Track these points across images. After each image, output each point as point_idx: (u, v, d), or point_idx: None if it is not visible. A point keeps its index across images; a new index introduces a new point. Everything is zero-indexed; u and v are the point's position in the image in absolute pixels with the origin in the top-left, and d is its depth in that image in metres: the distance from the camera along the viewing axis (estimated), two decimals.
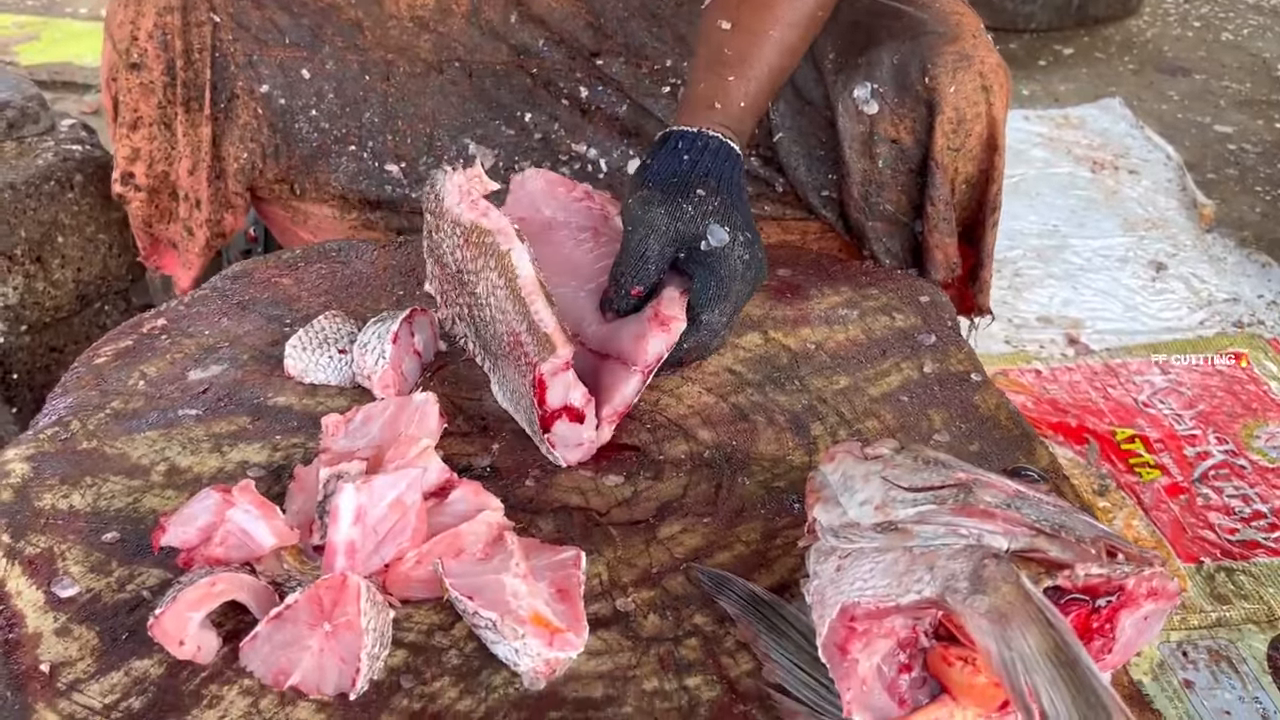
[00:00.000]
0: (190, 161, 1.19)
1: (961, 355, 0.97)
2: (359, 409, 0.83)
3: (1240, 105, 2.79)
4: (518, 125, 1.23)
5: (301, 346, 0.93)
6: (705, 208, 0.89)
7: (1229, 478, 1.53)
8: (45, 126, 1.51)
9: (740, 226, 0.90)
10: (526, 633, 0.66)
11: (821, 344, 0.99)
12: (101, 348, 0.97)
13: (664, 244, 0.89)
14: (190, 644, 0.66)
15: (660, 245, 0.89)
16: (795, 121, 1.18)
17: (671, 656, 0.69)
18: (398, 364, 0.90)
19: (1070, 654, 0.54)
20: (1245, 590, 1.34)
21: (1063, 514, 0.64)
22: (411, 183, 1.22)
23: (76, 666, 0.67)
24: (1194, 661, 1.27)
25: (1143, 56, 3.10)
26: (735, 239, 0.89)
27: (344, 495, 0.70)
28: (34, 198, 1.42)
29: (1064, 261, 2.11)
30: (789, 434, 0.89)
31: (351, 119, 1.21)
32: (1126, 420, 1.65)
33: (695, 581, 0.74)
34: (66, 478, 0.82)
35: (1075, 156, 2.50)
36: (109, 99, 1.19)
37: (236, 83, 1.18)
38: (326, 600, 0.65)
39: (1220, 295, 2.00)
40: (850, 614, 0.61)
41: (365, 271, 1.09)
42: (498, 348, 0.86)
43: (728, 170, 0.93)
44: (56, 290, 1.47)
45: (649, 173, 0.92)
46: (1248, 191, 2.39)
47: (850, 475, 0.70)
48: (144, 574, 0.74)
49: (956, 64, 1.08)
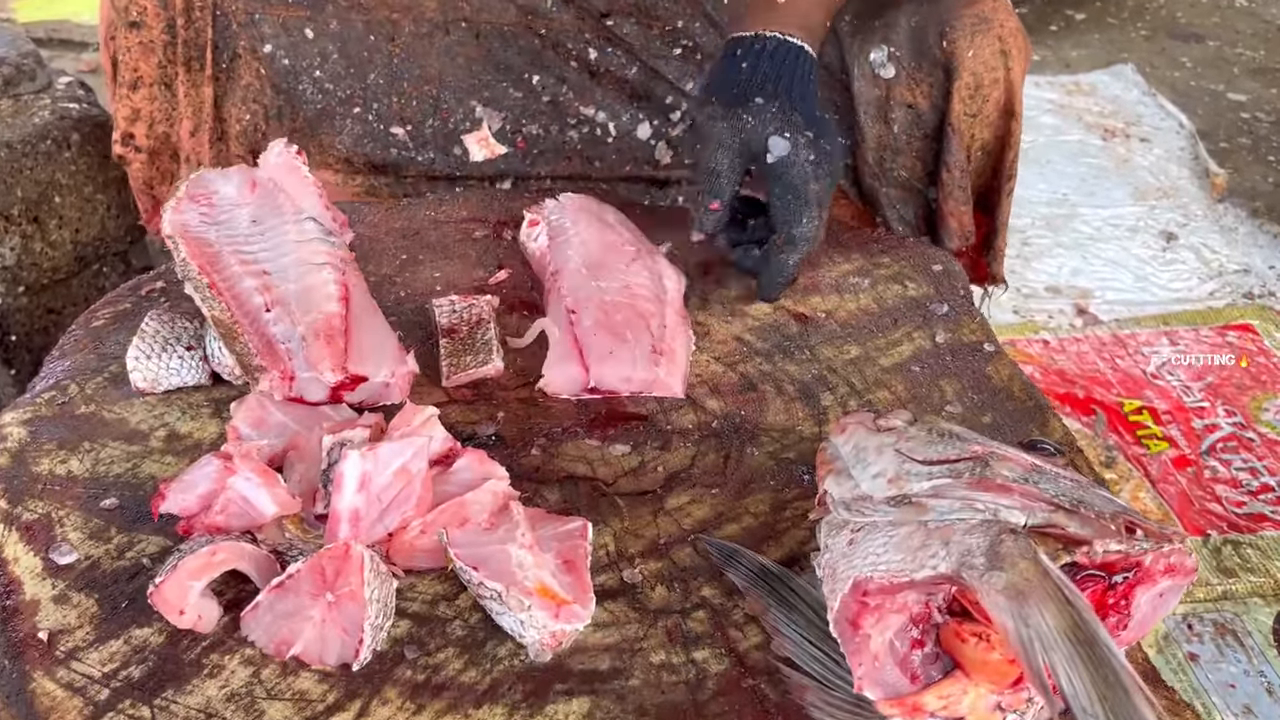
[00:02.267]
0: (192, 123, 1.17)
1: (974, 325, 0.96)
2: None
3: (1254, 73, 2.75)
4: (525, 87, 1.21)
5: (145, 355, 0.85)
6: (764, 115, 0.91)
7: (1237, 450, 1.52)
8: (41, 84, 1.49)
9: (800, 128, 0.91)
10: (533, 604, 0.64)
11: (832, 313, 0.97)
12: (99, 310, 0.95)
13: (731, 157, 0.92)
14: (191, 613, 0.65)
15: (729, 159, 0.92)
16: None
17: (679, 629, 0.68)
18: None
19: (1088, 631, 0.53)
20: (1252, 563, 1.33)
21: (1080, 489, 0.62)
22: (417, 146, 1.20)
23: (75, 634, 0.66)
24: (1199, 635, 1.27)
25: (1155, 22, 3.05)
26: (797, 143, 0.91)
27: (349, 462, 0.69)
28: (30, 157, 1.40)
29: (1073, 230, 2.09)
30: (798, 404, 0.87)
31: (356, 80, 1.19)
32: (1134, 391, 1.63)
33: (703, 553, 0.73)
34: (64, 443, 0.80)
35: (1086, 124, 2.47)
36: (108, 58, 1.17)
37: (239, 42, 1.16)
38: (329, 570, 0.64)
39: (1231, 266, 1.98)
40: (863, 589, 0.60)
41: (367, 234, 1.07)
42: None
43: (787, 70, 0.93)
44: (54, 251, 1.45)
45: (712, 85, 0.95)
46: (1260, 161, 2.36)
47: (863, 447, 0.69)
48: (143, 541, 0.72)
49: (975, 28, 1.05)
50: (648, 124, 1.21)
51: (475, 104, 1.21)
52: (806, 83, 0.94)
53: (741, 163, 0.92)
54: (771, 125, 0.91)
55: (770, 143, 0.91)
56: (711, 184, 0.93)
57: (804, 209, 0.91)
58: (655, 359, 0.88)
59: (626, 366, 0.87)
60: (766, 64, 0.93)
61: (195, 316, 0.88)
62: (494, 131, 1.20)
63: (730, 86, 0.93)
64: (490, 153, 1.20)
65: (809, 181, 0.91)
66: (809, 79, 0.95)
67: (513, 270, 1.02)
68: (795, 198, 0.91)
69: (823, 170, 0.92)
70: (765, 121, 0.91)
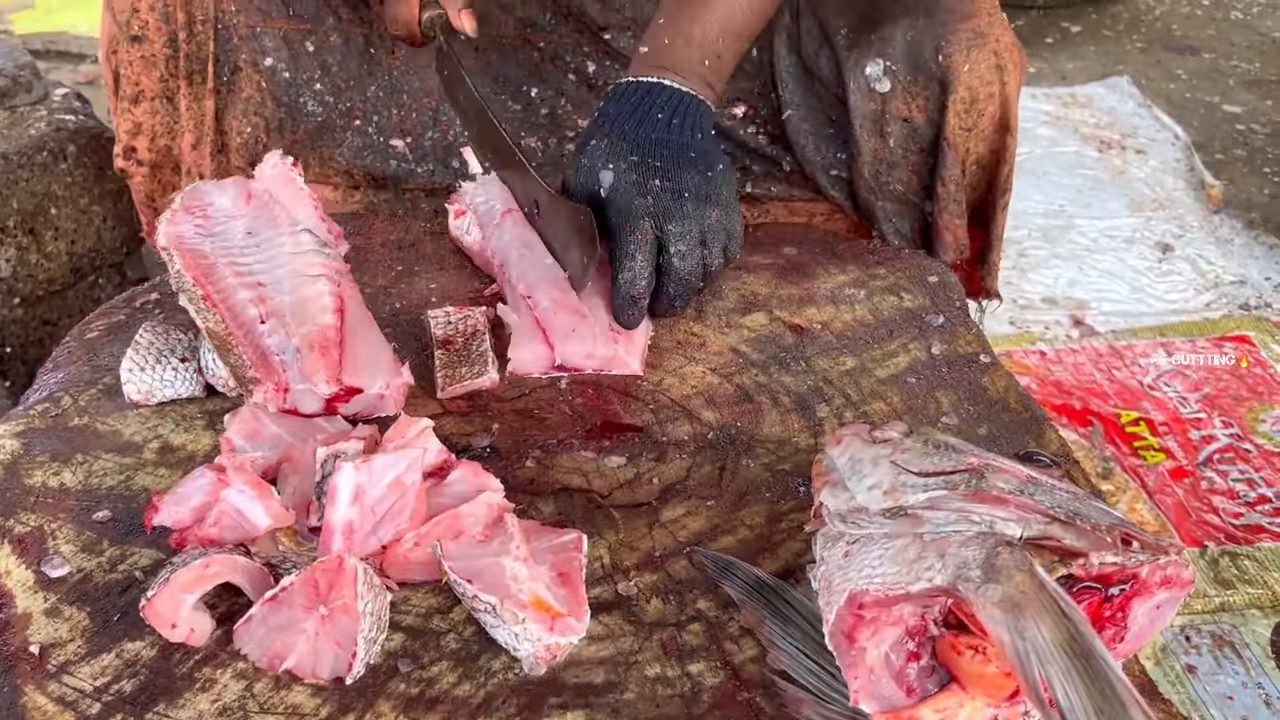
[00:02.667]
0: (193, 136, 1.17)
1: (970, 336, 0.96)
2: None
3: (1249, 85, 2.76)
4: (524, 100, 1.21)
5: (139, 366, 0.85)
6: (595, 155, 0.94)
7: (1234, 461, 1.52)
8: (38, 96, 1.49)
9: (623, 155, 0.93)
10: (527, 617, 0.64)
11: (828, 324, 0.97)
12: (94, 322, 0.95)
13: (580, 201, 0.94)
14: (183, 626, 0.65)
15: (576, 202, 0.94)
16: (804, 99, 1.16)
17: (674, 642, 0.67)
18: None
19: (1085, 645, 0.53)
20: (1249, 575, 1.33)
21: (1076, 500, 0.62)
22: (417, 158, 1.20)
23: (67, 648, 0.66)
24: (1197, 646, 1.26)
25: (1151, 35, 3.06)
26: (618, 170, 0.93)
27: (343, 474, 0.68)
28: (26, 168, 1.40)
29: (1070, 242, 2.09)
30: (794, 415, 0.87)
31: (356, 93, 1.19)
32: (1131, 403, 1.63)
33: (699, 565, 0.73)
34: (57, 455, 0.80)
35: (1082, 135, 2.48)
36: (109, 72, 1.17)
37: (240, 55, 1.16)
38: (323, 583, 0.64)
39: (1227, 277, 1.98)
40: (858, 601, 0.59)
41: (362, 246, 1.07)
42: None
43: (628, 109, 0.95)
44: (50, 263, 1.45)
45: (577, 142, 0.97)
46: (1256, 173, 2.37)
47: (858, 459, 0.68)
48: (136, 554, 0.72)
49: (971, 42, 1.06)
50: None
51: None
52: (648, 113, 0.95)
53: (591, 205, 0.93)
54: (599, 161, 0.94)
55: (599, 177, 0.93)
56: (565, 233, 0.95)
57: (623, 228, 0.91)
58: (614, 336, 0.91)
59: (589, 343, 0.90)
60: (611, 107, 0.97)
61: (190, 328, 0.88)
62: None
63: (583, 136, 0.97)
64: None
65: (631, 200, 0.91)
66: (654, 110, 0.96)
67: None
68: (616, 216, 0.92)
69: (651, 187, 0.92)
70: (595, 158, 0.94)
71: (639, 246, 0.91)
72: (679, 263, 0.92)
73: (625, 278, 0.91)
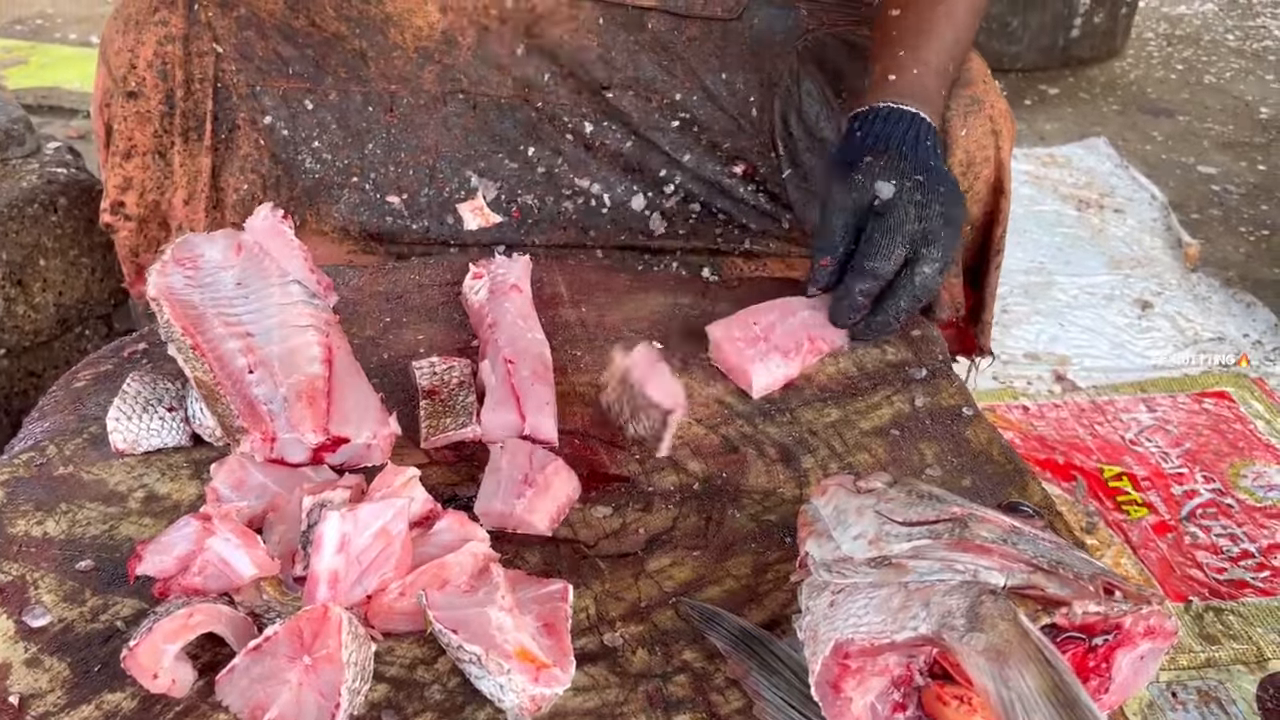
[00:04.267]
0: (186, 191, 1.17)
1: (953, 389, 0.97)
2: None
3: (1223, 147, 2.82)
4: (521, 159, 1.23)
5: (125, 415, 0.84)
6: (872, 169, 0.97)
7: (1216, 516, 1.53)
8: (31, 149, 1.50)
9: (908, 174, 0.96)
10: (512, 668, 0.64)
11: (812, 376, 0.98)
12: (80, 372, 0.95)
13: (845, 216, 0.97)
14: (165, 677, 0.64)
15: (842, 219, 0.98)
16: (805, 159, 1.19)
17: (660, 693, 0.67)
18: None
19: (1069, 693, 0.53)
20: (1234, 630, 1.33)
21: (1059, 550, 0.63)
22: (413, 214, 1.21)
23: (46, 699, 0.65)
24: (1183, 702, 1.26)
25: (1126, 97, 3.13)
26: (902, 186, 0.95)
27: (328, 523, 0.68)
28: (17, 220, 1.40)
29: (1050, 299, 2.12)
30: (780, 466, 0.88)
31: (354, 150, 1.20)
32: (1114, 458, 1.64)
33: (685, 616, 0.73)
34: (41, 504, 0.80)
35: (1061, 194, 2.52)
36: (101, 126, 1.18)
37: (239, 114, 1.17)
38: (307, 632, 0.64)
39: (1206, 334, 2.01)
40: (844, 650, 0.59)
41: (350, 298, 1.07)
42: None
43: (898, 131, 0.99)
44: (37, 314, 1.45)
45: (831, 157, 1.01)
46: (1232, 232, 2.41)
47: (843, 509, 0.69)
48: (118, 604, 0.72)
49: (968, 108, 1.09)
50: (641, 196, 1.23)
51: (471, 174, 1.22)
52: (919, 139, 0.99)
53: (854, 221, 0.97)
54: (880, 176, 0.97)
55: (876, 187, 0.96)
56: (824, 242, 0.99)
57: (888, 245, 0.95)
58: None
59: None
60: (879, 127, 1.00)
61: (177, 378, 0.88)
62: (489, 201, 1.22)
63: (845, 154, 1.00)
64: (485, 221, 1.21)
65: (906, 222, 0.95)
66: (921, 137, 1.00)
67: None
68: (883, 234, 0.95)
69: (931, 211, 0.96)
70: (873, 175, 0.97)
71: (893, 266, 0.96)
72: (920, 282, 0.96)
73: (864, 287, 0.97)
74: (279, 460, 0.82)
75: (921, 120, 1.00)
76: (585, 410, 0.93)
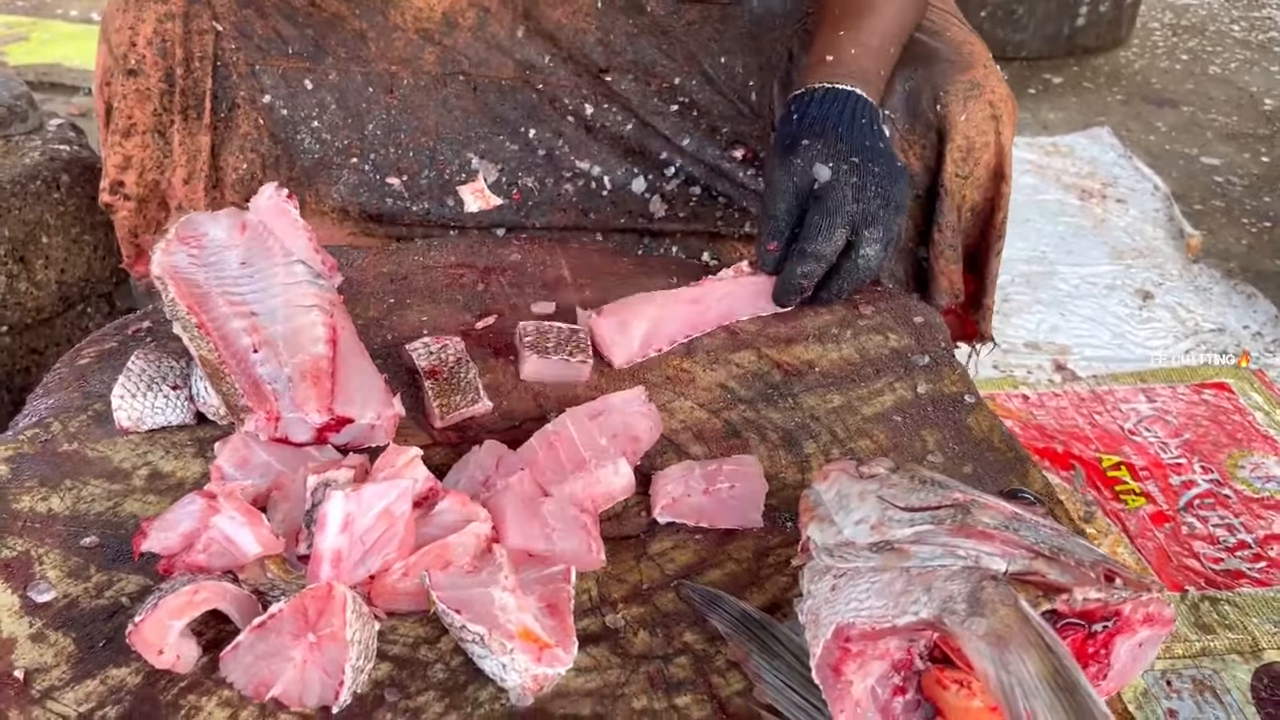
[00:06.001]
0: (186, 171, 1.17)
1: (955, 376, 0.97)
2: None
3: (1227, 138, 2.82)
4: (521, 140, 1.23)
5: (130, 393, 0.84)
6: (810, 152, 0.97)
7: (1214, 507, 1.53)
8: (33, 125, 1.50)
9: (845, 155, 0.97)
10: (515, 647, 0.64)
11: (814, 362, 0.98)
12: (85, 349, 0.95)
13: (787, 200, 0.99)
14: (169, 653, 0.65)
15: (785, 202, 0.99)
16: None
17: (661, 674, 0.68)
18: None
19: (1069, 678, 0.53)
20: (1229, 620, 1.34)
21: (1060, 537, 0.63)
22: (413, 196, 1.21)
23: (51, 673, 0.65)
24: (1178, 691, 1.27)
25: (1131, 87, 3.13)
26: (839, 170, 0.96)
27: (333, 503, 0.69)
28: (19, 196, 1.40)
29: (1052, 288, 2.12)
30: (781, 451, 0.88)
31: (354, 131, 1.20)
32: (1112, 447, 1.65)
33: (686, 599, 0.73)
34: (46, 480, 0.80)
35: (1064, 184, 2.52)
36: (101, 104, 1.17)
37: (238, 92, 1.17)
38: (311, 610, 0.64)
39: (1206, 325, 2.01)
40: (845, 634, 0.60)
41: (355, 279, 1.08)
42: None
43: (834, 112, 0.99)
44: (39, 291, 1.45)
45: (773, 141, 1.02)
46: (1234, 223, 2.41)
47: (846, 494, 0.69)
48: (123, 580, 0.72)
49: (968, 93, 1.08)
50: (642, 178, 1.23)
51: (471, 156, 1.22)
52: (855, 119, 0.99)
53: (797, 204, 0.98)
54: (817, 159, 0.97)
55: (814, 170, 0.97)
56: (768, 226, 1.00)
57: (828, 227, 0.96)
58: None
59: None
60: (815, 109, 1.00)
61: (182, 356, 0.88)
62: (489, 183, 1.22)
63: (784, 138, 1.00)
64: (485, 204, 1.21)
65: (845, 203, 0.96)
66: (858, 116, 1.00)
67: (500, 315, 1.03)
68: (822, 216, 0.96)
69: (868, 193, 0.96)
70: (811, 158, 0.97)
71: (834, 249, 0.98)
72: (863, 264, 0.99)
73: (804, 269, 0.99)
74: (283, 439, 0.82)
75: (858, 98, 1.01)
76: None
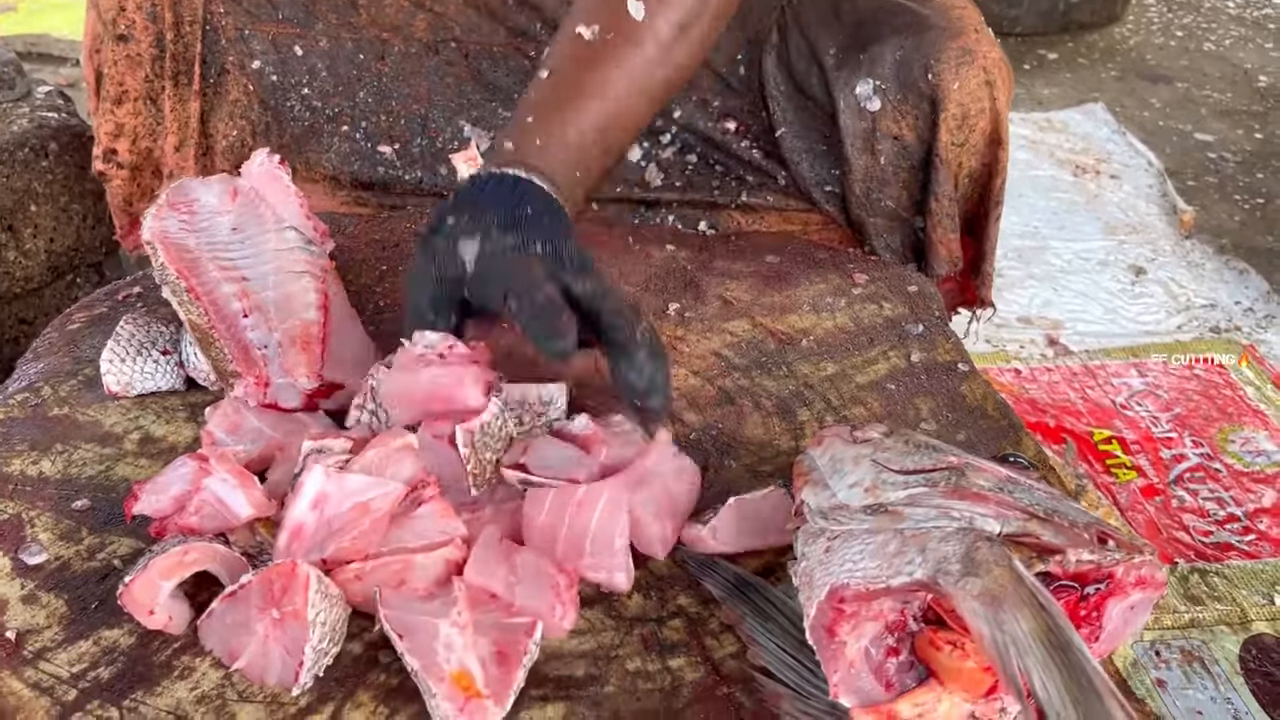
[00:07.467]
0: (176, 138, 1.16)
1: (949, 345, 0.97)
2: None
3: (1221, 114, 2.82)
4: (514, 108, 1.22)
5: (119, 358, 0.83)
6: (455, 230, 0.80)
7: (1204, 481, 1.54)
8: (21, 93, 1.49)
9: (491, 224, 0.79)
10: (439, 694, 0.60)
11: (809, 330, 0.98)
12: (75, 314, 0.94)
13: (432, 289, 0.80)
14: (161, 613, 0.64)
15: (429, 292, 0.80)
16: (797, 117, 1.17)
17: (655, 637, 0.68)
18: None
19: (1063, 637, 0.53)
20: (1219, 592, 1.35)
21: (1054, 500, 0.63)
22: (405, 164, 1.20)
23: (44, 634, 0.65)
24: (1167, 661, 1.28)
25: (1125, 64, 3.12)
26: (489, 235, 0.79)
27: (311, 475, 0.67)
28: (7, 164, 1.39)
29: (1044, 263, 2.12)
30: (776, 419, 0.88)
31: (344, 98, 1.19)
32: (1104, 421, 1.65)
33: (680, 563, 0.73)
34: (36, 444, 0.79)
35: (1057, 160, 2.52)
36: (91, 72, 1.16)
37: (227, 57, 1.16)
38: (277, 585, 0.62)
39: (1198, 301, 2.02)
40: (839, 595, 0.60)
41: (347, 246, 1.07)
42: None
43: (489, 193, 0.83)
44: (28, 260, 1.44)
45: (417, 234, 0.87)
46: (1227, 199, 2.41)
47: (839, 458, 0.69)
48: (115, 543, 0.72)
49: (960, 60, 1.07)
50: (638, 146, 1.22)
51: (464, 123, 1.21)
52: (506, 197, 0.82)
53: (445, 291, 0.80)
54: (462, 234, 0.79)
55: (460, 247, 0.79)
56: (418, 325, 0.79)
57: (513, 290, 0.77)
58: None
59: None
60: (464, 194, 0.83)
61: (172, 321, 0.87)
62: (482, 151, 1.21)
63: (428, 227, 0.82)
64: None
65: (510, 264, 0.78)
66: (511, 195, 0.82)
67: None
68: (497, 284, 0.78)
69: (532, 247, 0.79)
70: (454, 235, 0.79)
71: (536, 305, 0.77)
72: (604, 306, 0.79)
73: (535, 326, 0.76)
74: (273, 405, 0.81)
75: (530, 186, 0.83)
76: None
